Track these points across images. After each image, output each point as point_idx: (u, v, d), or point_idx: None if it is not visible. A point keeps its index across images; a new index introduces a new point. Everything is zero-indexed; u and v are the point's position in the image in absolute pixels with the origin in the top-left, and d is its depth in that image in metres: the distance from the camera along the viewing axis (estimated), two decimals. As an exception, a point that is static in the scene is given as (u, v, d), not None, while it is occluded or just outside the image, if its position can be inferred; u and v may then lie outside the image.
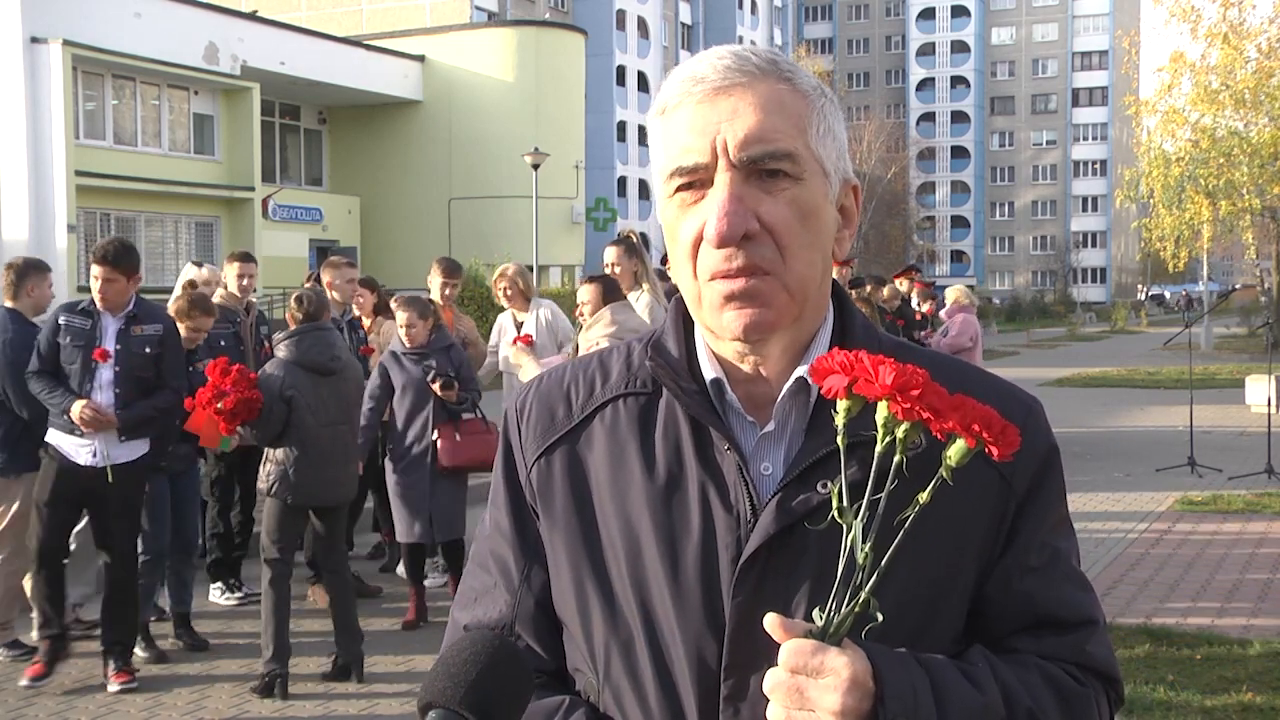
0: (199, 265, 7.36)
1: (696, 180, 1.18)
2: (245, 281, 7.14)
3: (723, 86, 1.18)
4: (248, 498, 7.09)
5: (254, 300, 7.34)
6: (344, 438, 5.75)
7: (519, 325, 7.47)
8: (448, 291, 7.51)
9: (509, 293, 7.43)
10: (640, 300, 6.34)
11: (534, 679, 1.15)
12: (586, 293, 5.93)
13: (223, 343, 6.71)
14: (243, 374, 5.41)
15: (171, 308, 6.25)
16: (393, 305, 7.03)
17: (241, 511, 7.18)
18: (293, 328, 5.77)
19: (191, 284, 6.89)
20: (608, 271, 6.41)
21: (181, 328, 5.92)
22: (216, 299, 6.87)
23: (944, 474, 1.03)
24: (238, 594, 7.05)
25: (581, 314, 5.94)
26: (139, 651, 5.88)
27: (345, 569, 5.95)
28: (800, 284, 1.19)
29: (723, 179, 1.16)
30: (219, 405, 5.32)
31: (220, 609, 6.95)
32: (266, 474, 5.64)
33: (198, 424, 5.76)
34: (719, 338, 1.23)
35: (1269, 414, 11.57)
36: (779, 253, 1.17)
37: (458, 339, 7.00)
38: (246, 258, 7.28)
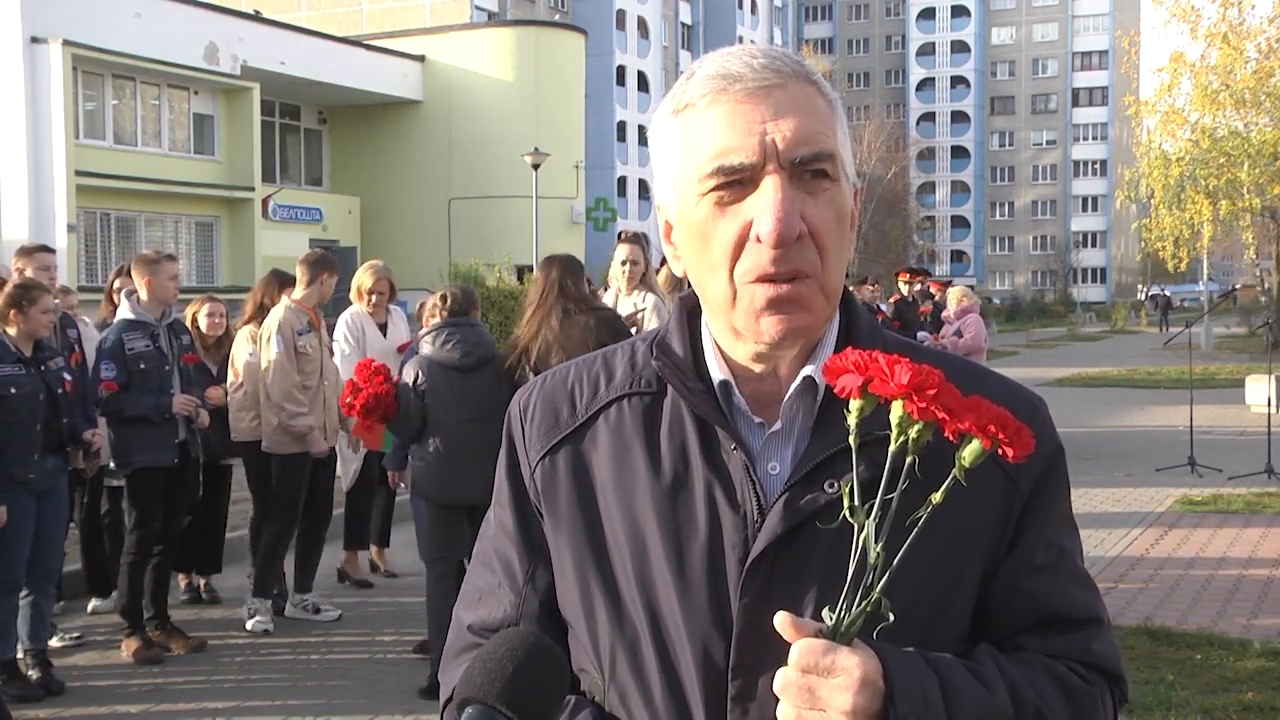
0: None
1: (738, 180, 1.17)
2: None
3: (763, 86, 1.17)
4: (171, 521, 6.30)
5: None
6: (483, 435, 5.42)
7: (381, 328, 7.22)
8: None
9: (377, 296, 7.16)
10: (649, 300, 6.34)
11: (569, 676, 1.16)
12: (629, 251, 6.02)
13: (142, 365, 6.03)
14: (381, 371, 5.39)
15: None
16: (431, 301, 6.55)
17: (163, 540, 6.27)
18: (437, 323, 5.63)
19: None
20: (626, 267, 6.38)
21: (11, 328, 5.50)
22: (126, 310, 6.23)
23: (958, 474, 1.03)
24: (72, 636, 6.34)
25: (625, 271, 6.01)
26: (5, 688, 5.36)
27: None
28: (834, 286, 1.20)
29: (772, 180, 1.15)
30: (349, 401, 5.30)
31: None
32: (410, 470, 5.61)
33: (360, 431, 5.78)
34: (748, 340, 1.21)
35: (1269, 414, 11.57)
36: (819, 255, 1.17)
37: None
38: (168, 256, 6.45)
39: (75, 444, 5.83)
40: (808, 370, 1.22)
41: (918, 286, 13.25)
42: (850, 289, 1.30)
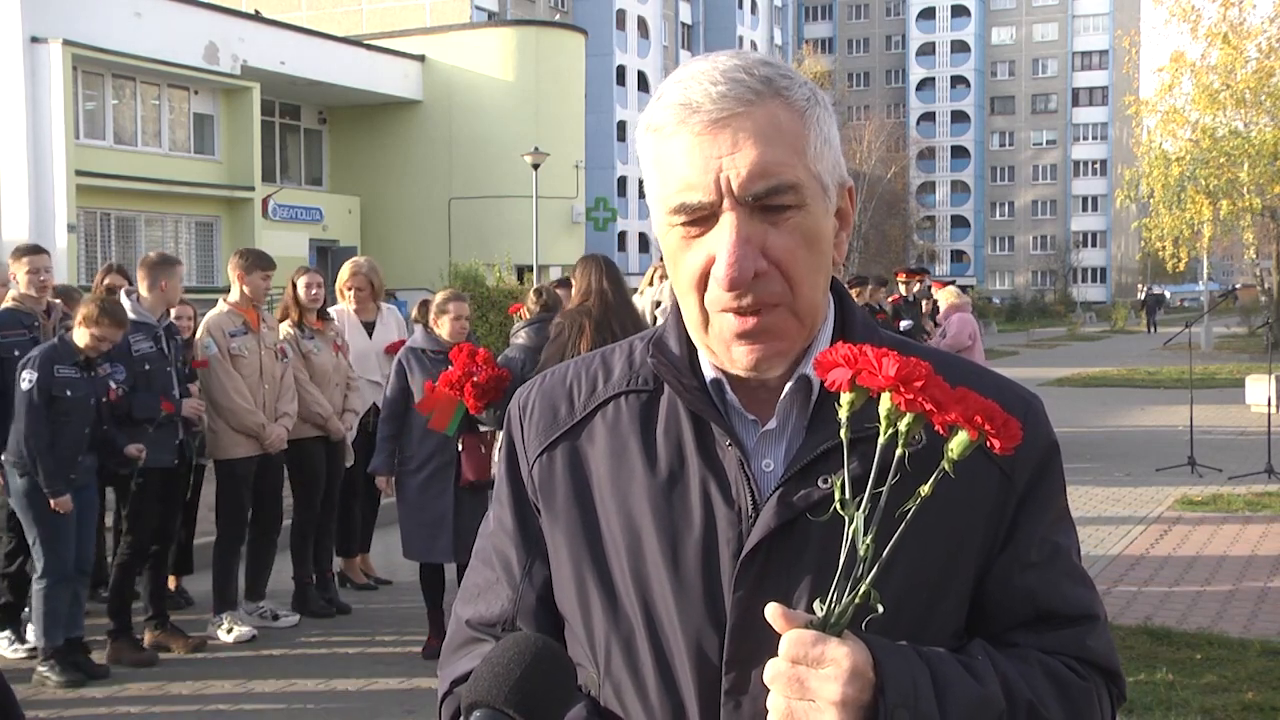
0: None
1: (700, 216, 1.17)
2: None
3: (720, 118, 1.15)
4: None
5: (175, 311, 6.58)
6: None
7: (368, 326, 7.22)
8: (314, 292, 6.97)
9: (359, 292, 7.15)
10: (666, 292, 6.40)
11: (576, 678, 1.17)
12: None
13: (147, 366, 6.04)
14: (486, 357, 5.48)
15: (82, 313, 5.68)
16: (441, 297, 6.44)
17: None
18: (535, 316, 5.85)
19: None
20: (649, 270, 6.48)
21: (85, 334, 5.57)
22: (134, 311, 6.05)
23: (946, 466, 1.03)
24: (25, 645, 6.18)
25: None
26: (51, 675, 5.58)
27: None
28: (809, 309, 1.20)
29: (729, 218, 1.15)
30: (474, 379, 5.32)
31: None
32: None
33: (431, 404, 5.68)
34: (726, 368, 1.22)
35: (1269, 414, 11.57)
36: (787, 285, 1.17)
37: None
38: (174, 260, 6.48)
39: (109, 450, 5.87)
40: (803, 369, 1.23)
41: (917, 286, 13.23)
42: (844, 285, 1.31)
